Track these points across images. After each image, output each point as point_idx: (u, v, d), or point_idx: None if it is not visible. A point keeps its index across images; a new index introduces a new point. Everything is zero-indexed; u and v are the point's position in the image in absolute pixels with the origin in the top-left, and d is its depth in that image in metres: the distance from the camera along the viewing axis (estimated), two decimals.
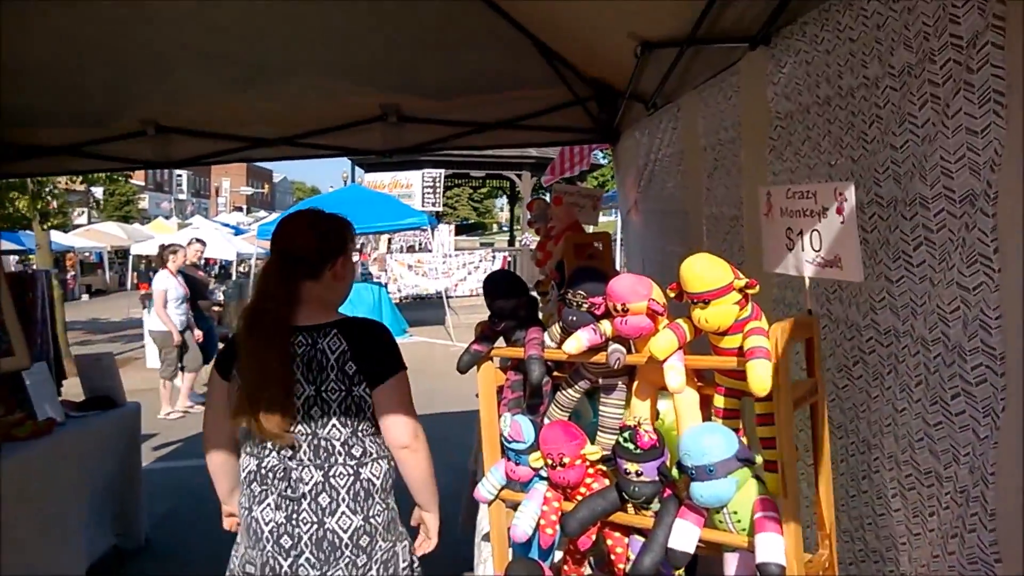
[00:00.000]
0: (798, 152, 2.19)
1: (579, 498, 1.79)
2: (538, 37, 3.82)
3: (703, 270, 1.53)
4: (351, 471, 2.19)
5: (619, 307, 1.63)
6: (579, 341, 1.68)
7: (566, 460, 1.75)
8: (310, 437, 2.17)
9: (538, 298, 2.64)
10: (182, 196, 55.13)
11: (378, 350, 2.24)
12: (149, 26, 3.32)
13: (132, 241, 25.96)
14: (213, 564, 4.63)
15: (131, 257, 27.57)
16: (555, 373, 1.97)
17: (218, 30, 3.43)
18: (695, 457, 1.53)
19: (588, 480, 1.79)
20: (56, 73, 3.85)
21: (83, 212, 32.42)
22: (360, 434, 2.22)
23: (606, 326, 1.70)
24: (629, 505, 1.72)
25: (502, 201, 49.93)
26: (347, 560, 2.16)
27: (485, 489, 1.92)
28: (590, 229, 3.77)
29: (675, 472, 1.60)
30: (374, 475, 2.23)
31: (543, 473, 1.84)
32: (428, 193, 17.98)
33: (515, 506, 1.92)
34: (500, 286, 1.91)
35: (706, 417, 1.69)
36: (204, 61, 3.81)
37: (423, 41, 3.72)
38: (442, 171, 18.47)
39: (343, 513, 2.17)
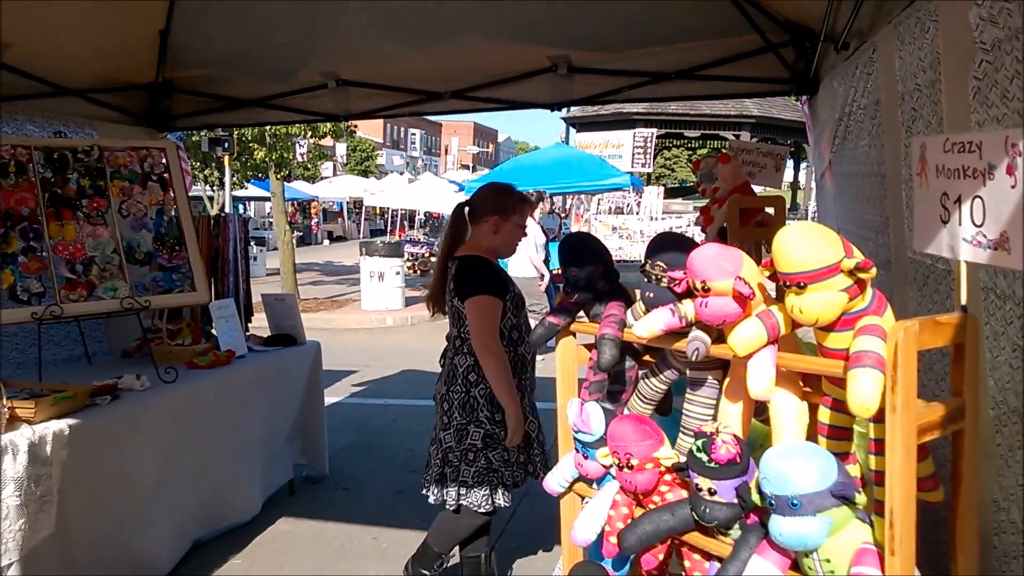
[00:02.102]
0: (1005, 94, 1.66)
1: (651, 507, 1.51)
2: None
3: (800, 244, 1.16)
4: (450, 357, 3.00)
5: (699, 285, 1.31)
6: (653, 323, 1.38)
7: (634, 462, 1.47)
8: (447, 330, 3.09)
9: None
10: (415, 153, 58.72)
11: (462, 276, 2.92)
12: None
13: (367, 193, 28.07)
14: (385, 493, 4.91)
15: (364, 208, 29.84)
16: (644, 357, 1.68)
17: None
18: (776, 485, 1.19)
19: (663, 489, 1.50)
20: (250, 28, 4.08)
21: (329, 166, 35.60)
22: (458, 332, 2.97)
23: (687, 307, 1.38)
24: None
25: None
26: (442, 405, 3.03)
27: (554, 480, 1.69)
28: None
29: (757, 497, 1.27)
30: (459, 364, 2.94)
31: (613, 471, 1.57)
32: (639, 153, 17.44)
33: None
34: (573, 252, 1.64)
35: (811, 434, 1.33)
36: (378, 20, 3.88)
37: None
38: (654, 131, 17.81)
39: (443, 382, 3.03)
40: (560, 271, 1.66)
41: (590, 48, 4.03)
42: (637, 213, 17.38)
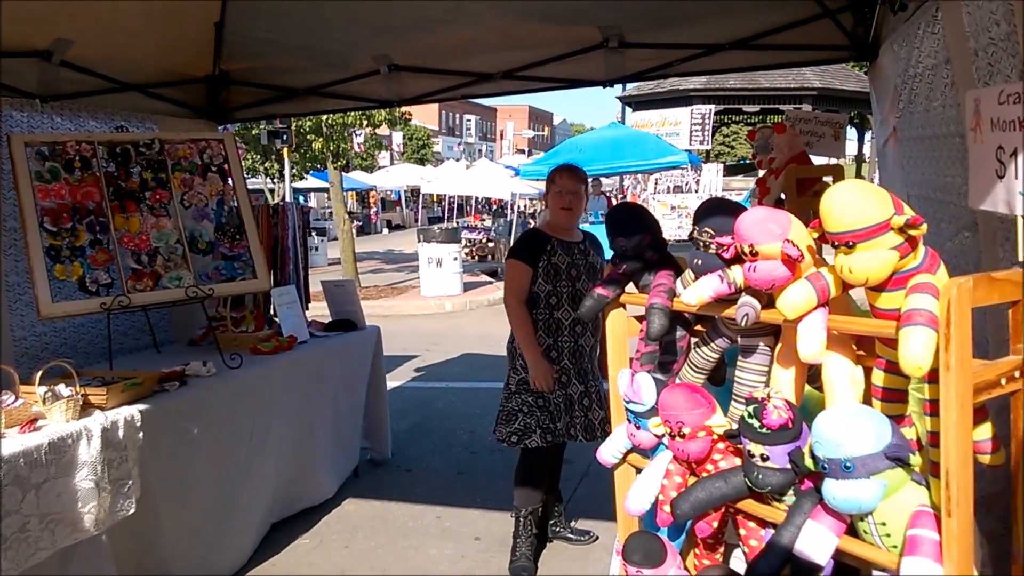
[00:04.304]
0: None
1: (704, 475, 1.50)
2: None
3: (847, 202, 1.14)
4: None
5: (747, 249, 1.30)
6: (702, 290, 1.38)
7: (686, 431, 1.47)
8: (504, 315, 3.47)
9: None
10: (471, 139, 58.84)
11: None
12: None
13: (424, 181, 28.28)
14: (447, 474, 5.00)
15: (422, 196, 30.09)
16: (696, 327, 1.67)
17: None
18: (828, 448, 1.18)
19: (716, 457, 1.50)
20: (301, 17, 4.16)
21: (386, 155, 35.98)
22: None
23: (736, 273, 1.37)
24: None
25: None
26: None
27: (608, 451, 1.70)
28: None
29: (810, 461, 1.26)
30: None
31: (666, 440, 1.57)
32: (696, 131, 17.12)
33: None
34: (620, 222, 1.64)
35: (866, 398, 1.31)
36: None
37: None
38: (712, 107, 17.43)
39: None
40: (610, 242, 1.66)
41: (642, 19, 3.97)
42: (696, 191, 17.09)
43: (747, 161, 48.93)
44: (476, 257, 17.27)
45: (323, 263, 16.43)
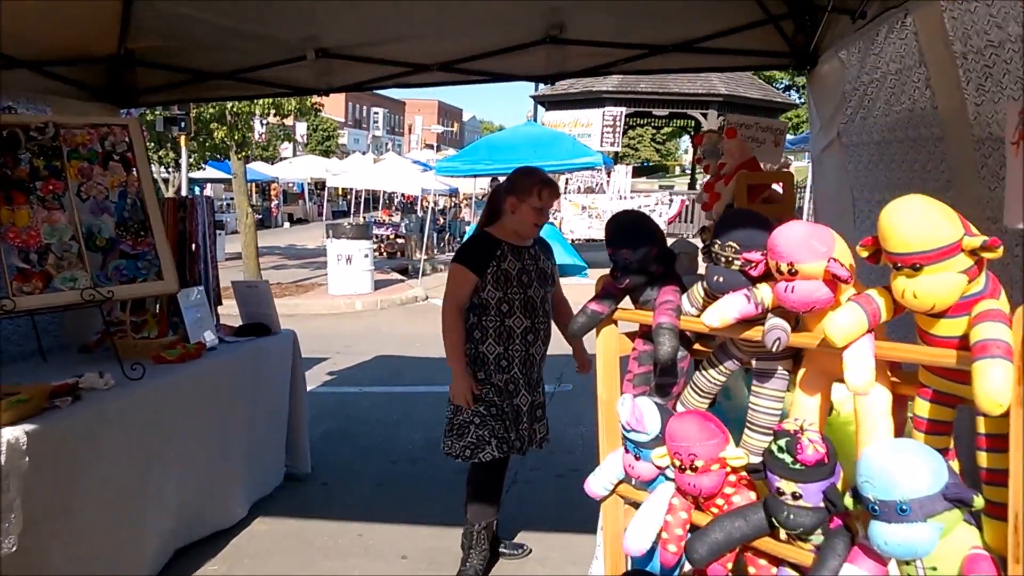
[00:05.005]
0: None
1: (714, 510, 1.37)
2: None
3: (917, 220, 1.02)
4: None
5: (785, 267, 1.17)
6: (725, 311, 1.24)
7: (699, 463, 1.33)
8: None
9: (697, 247, 2.19)
10: (378, 133, 57.79)
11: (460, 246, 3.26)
12: None
13: (329, 174, 27.51)
14: (367, 486, 4.70)
15: (327, 189, 29.26)
16: (695, 346, 1.53)
17: None
18: (883, 489, 1.06)
19: (728, 491, 1.37)
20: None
21: (289, 146, 34.84)
22: None
23: (764, 292, 1.24)
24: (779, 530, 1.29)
25: (686, 142, 47.95)
26: None
27: (598, 482, 1.55)
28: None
29: (849, 501, 1.14)
30: None
31: (669, 473, 1.43)
32: (608, 132, 17.36)
33: (635, 504, 1.54)
34: (624, 231, 1.48)
35: (899, 426, 1.20)
36: None
37: None
38: (623, 109, 17.70)
39: None
40: (609, 252, 1.49)
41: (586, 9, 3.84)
42: (606, 192, 17.30)
43: (650, 163, 50.38)
44: (385, 254, 16.89)
45: (221, 258, 15.58)
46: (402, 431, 5.71)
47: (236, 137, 11.68)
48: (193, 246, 4.26)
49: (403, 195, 26.80)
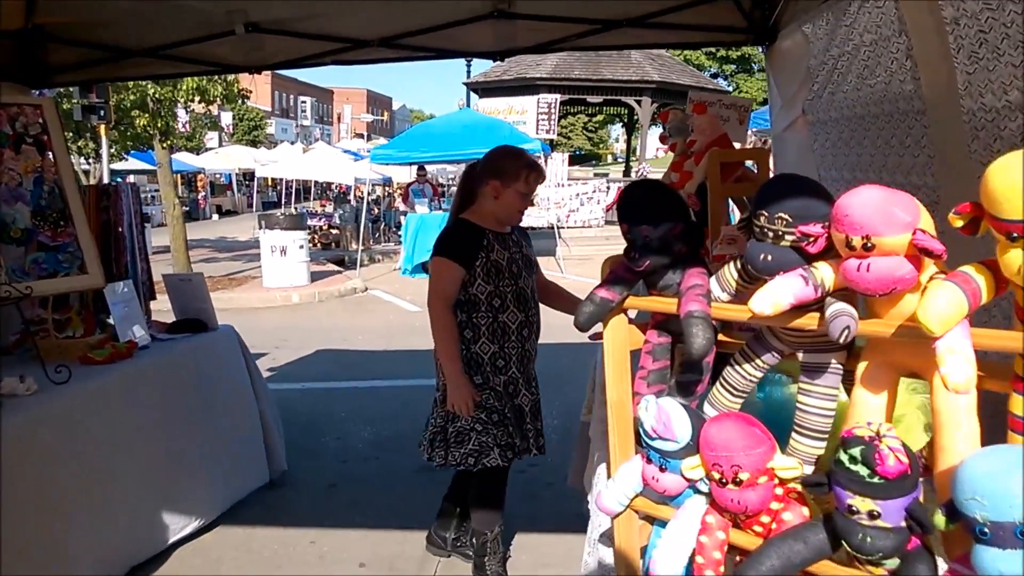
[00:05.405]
0: None
1: (757, 529, 1.18)
2: None
3: None
4: None
5: (859, 242, 0.97)
6: (779, 296, 1.03)
7: (744, 476, 1.13)
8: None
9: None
10: (307, 122, 56.41)
11: (438, 236, 2.97)
12: None
13: (259, 164, 26.60)
14: (316, 489, 4.39)
15: (256, 179, 28.34)
16: (721, 336, 1.33)
17: None
18: (998, 508, 0.87)
19: (775, 506, 1.17)
20: None
21: (214, 136, 33.66)
22: None
23: (824, 272, 1.05)
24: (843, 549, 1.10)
25: (617, 131, 48.40)
26: (436, 365, 3.05)
27: (613, 498, 1.33)
28: None
29: (940, 519, 0.96)
30: None
31: (702, 487, 1.23)
32: (543, 119, 17.21)
33: (652, 520, 1.34)
34: (644, 204, 1.26)
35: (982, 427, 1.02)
36: None
37: None
38: (558, 96, 17.59)
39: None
40: (623, 229, 1.27)
41: None
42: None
43: (582, 151, 50.63)
44: (320, 245, 16.40)
45: (148, 252, 14.85)
46: (351, 429, 5.42)
47: (160, 125, 11.00)
48: (119, 236, 3.88)
49: (330, 184, 26.24)
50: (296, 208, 21.57)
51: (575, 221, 17.52)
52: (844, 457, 1.02)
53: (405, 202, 15.51)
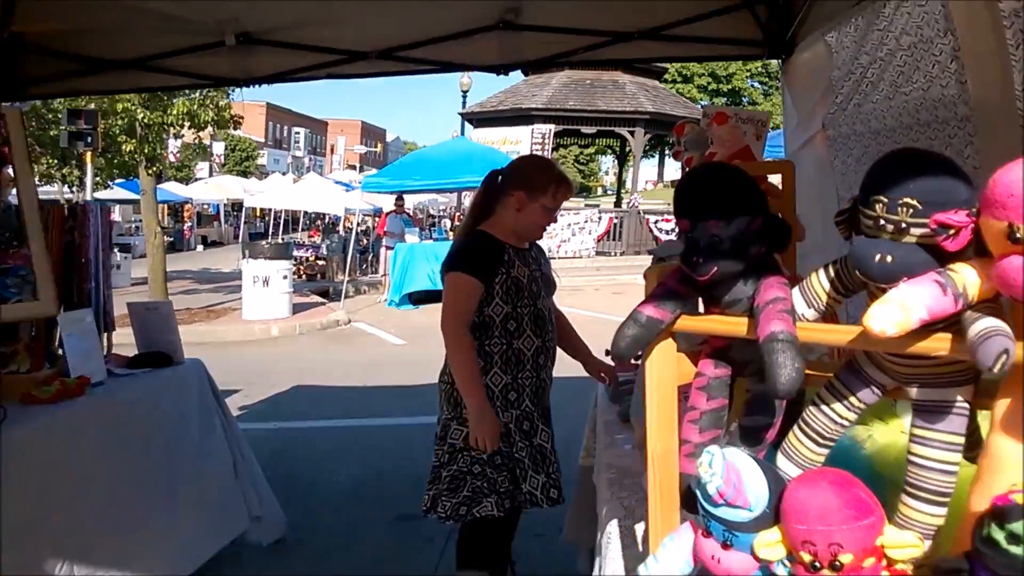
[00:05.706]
0: None
1: None
2: None
3: None
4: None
5: (1020, 232, 0.69)
6: (908, 310, 0.75)
7: (845, 558, 0.83)
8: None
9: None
10: (299, 153, 56.36)
11: (452, 250, 2.73)
12: None
13: (247, 194, 26.35)
14: (288, 544, 4.05)
15: (245, 210, 28.09)
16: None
17: None
18: None
19: None
20: None
21: (204, 166, 33.51)
22: None
23: (967, 276, 0.76)
24: None
25: (607, 163, 48.66)
26: (438, 397, 2.77)
27: None
28: None
29: None
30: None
31: (779, 571, 0.93)
32: (537, 150, 17.11)
33: None
34: (711, 192, 0.95)
35: None
36: None
37: None
38: (552, 127, 17.53)
39: (441, 371, 2.78)
40: (683, 228, 0.97)
41: None
42: None
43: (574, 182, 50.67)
44: (304, 276, 16.09)
45: (126, 283, 14.43)
46: (324, 474, 5.04)
47: (146, 151, 10.69)
48: (84, 261, 3.55)
49: (320, 215, 26.06)
50: (283, 239, 21.30)
51: (566, 251, 17.31)
52: (1000, 535, 0.72)
53: (382, 232, 15.30)
